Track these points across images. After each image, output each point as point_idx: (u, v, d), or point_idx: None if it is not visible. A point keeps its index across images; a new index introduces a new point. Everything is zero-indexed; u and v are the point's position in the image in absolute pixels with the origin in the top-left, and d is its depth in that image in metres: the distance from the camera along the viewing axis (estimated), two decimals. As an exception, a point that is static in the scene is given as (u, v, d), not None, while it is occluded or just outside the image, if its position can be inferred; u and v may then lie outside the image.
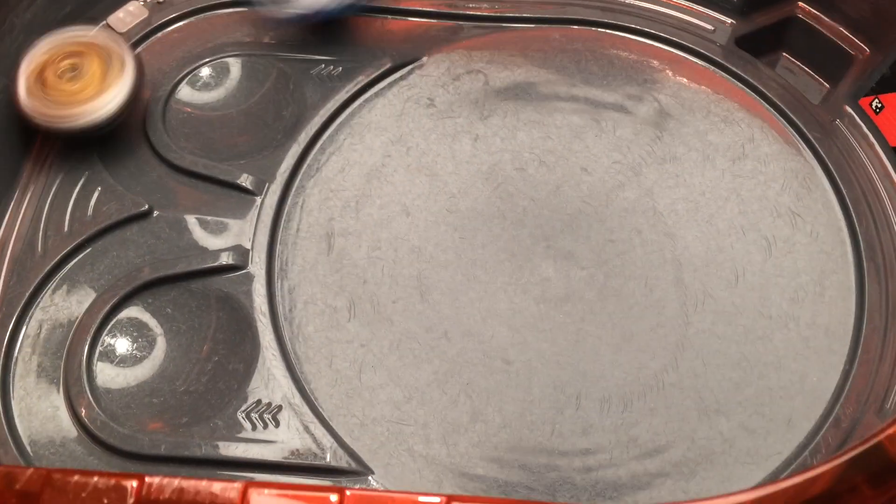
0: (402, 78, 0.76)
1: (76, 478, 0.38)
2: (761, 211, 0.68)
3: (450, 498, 0.37)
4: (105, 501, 0.37)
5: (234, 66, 0.77)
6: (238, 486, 0.37)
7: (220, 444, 0.60)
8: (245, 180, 0.70)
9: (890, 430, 0.40)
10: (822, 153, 0.70)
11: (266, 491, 0.37)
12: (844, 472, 0.40)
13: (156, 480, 0.38)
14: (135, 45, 0.78)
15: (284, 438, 0.60)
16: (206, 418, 0.61)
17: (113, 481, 0.38)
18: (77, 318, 0.65)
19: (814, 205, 0.69)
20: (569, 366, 0.63)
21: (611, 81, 0.75)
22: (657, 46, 0.76)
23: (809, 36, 0.74)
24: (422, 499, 0.37)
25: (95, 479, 0.38)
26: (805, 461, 0.59)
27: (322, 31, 0.75)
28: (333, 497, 0.38)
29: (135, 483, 0.38)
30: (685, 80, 0.75)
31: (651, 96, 0.74)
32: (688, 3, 0.78)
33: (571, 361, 0.64)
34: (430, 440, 0.61)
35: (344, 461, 0.60)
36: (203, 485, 0.38)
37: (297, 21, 0.69)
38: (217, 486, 0.38)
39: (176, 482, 0.38)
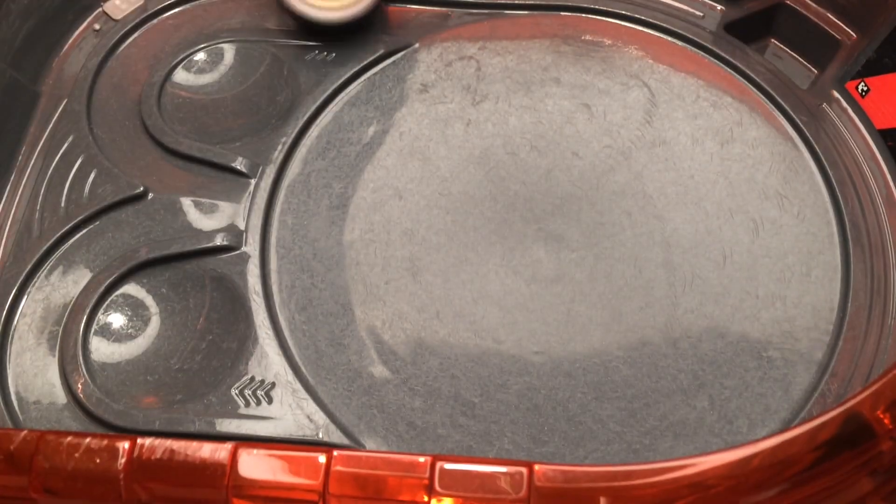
0: (394, 64, 0.77)
1: (69, 439, 0.39)
2: (749, 193, 0.69)
3: (436, 457, 0.37)
4: (97, 461, 0.38)
5: (229, 51, 0.77)
6: (228, 446, 0.38)
7: (214, 420, 0.60)
8: (240, 163, 0.71)
9: (866, 394, 0.40)
10: (809, 137, 0.71)
11: (255, 451, 0.38)
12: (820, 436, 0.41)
13: (147, 441, 0.39)
14: (130, 32, 0.79)
15: (277, 414, 0.61)
16: (200, 395, 0.62)
17: (105, 442, 0.38)
18: (73, 297, 0.66)
19: (801, 187, 0.69)
20: (559, 346, 0.64)
21: (601, 67, 0.75)
22: (647, 32, 0.77)
23: (797, 22, 0.75)
24: (409, 458, 0.38)
25: (88, 440, 0.39)
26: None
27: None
28: (321, 458, 0.39)
29: (126, 444, 0.39)
30: (675, 65, 0.75)
31: (641, 81, 0.75)
32: (678, -10, 0.79)
33: (561, 341, 0.64)
34: (422, 417, 0.62)
35: (336, 437, 0.60)
36: (194, 446, 0.39)
37: None
38: (208, 447, 0.39)
39: (167, 443, 0.39)
